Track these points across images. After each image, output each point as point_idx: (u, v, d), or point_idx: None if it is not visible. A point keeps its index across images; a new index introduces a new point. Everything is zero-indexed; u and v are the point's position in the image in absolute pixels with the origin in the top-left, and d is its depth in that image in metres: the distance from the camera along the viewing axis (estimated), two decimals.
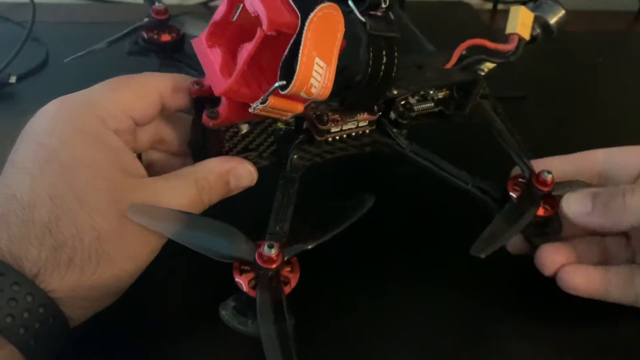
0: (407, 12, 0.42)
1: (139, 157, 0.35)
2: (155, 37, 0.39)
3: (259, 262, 0.28)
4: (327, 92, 0.28)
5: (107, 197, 0.28)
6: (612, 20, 0.76)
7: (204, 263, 0.28)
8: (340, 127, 0.35)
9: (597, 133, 0.51)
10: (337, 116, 0.35)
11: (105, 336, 0.32)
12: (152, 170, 0.36)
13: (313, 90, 0.27)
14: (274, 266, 0.28)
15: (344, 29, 0.28)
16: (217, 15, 0.31)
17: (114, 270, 0.28)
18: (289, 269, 0.29)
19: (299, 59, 0.26)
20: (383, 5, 0.30)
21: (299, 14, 0.27)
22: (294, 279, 0.29)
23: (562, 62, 0.64)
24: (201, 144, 0.33)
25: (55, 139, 0.29)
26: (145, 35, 0.39)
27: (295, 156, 0.35)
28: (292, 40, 0.27)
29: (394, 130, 0.36)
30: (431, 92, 0.38)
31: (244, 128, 0.33)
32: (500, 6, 0.79)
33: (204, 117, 0.31)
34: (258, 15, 0.27)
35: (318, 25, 0.27)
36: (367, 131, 0.36)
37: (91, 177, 0.28)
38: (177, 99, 0.33)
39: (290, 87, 0.27)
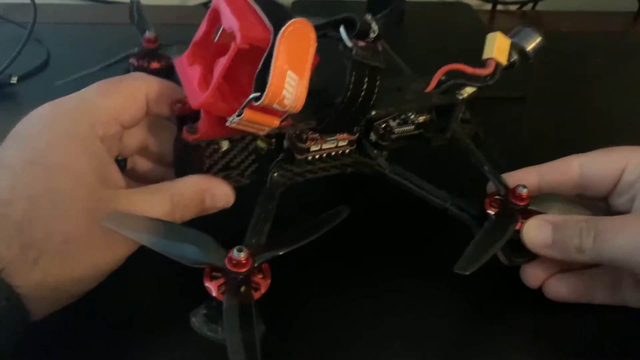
0: (389, 43, 0.43)
1: (124, 161, 0.36)
2: (145, 64, 0.40)
3: (228, 266, 0.28)
4: (300, 104, 0.29)
5: (82, 205, 0.29)
6: (612, 20, 0.76)
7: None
8: (319, 145, 0.36)
9: (597, 133, 0.52)
10: (316, 135, 0.36)
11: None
12: (134, 174, 0.37)
13: (286, 101, 0.28)
14: (243, 270, 0.28)
15: (316, 44, 0.29)
16: (197, 35, 0.32)
17: (77, 274, 0.29)
18: (260, 275, 0.29)
19: (271, 71, 0.27)
20: (372, 35, 0.31)
21: (272, 29, 0.28)
22: (264, 285, 0.29)
23: (562, 62, 0.64)
24: (183, 160, 0.34)
25: (44, 142, 0.29)
26: (136, 63, 0.40)
27: (275, 174, 0.35)
28: (265, 54, 0.28)
29: (375, 151, 0.37)
30: (412, 116, 0.39)
31: (225, 145, 0.34)
32: (499, 7, 0.80)
33: (184, 132, 0.31)
34: (233, 31, 0.28)
35: (289, 39, 0.28)
36: (347, 151, 0.37)
37: (71, 184, 0.29)
38: (161, 104, 0.34)
39: (263, 98, 0.28)
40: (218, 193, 0.33)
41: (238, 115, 0.29)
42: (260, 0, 0.29)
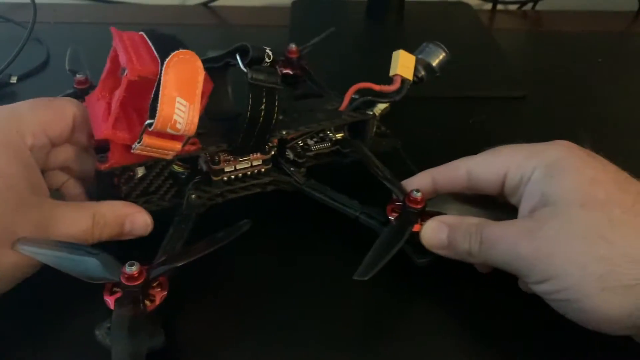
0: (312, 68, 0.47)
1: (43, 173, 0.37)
2: None
3: (122, 280, 0.29)
4: (193, 127, 0.32)
5: (11, 206, 0.30)
6: (612, 20, 0.76)
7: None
8: (233, 166, 0.38)
9: (596, 133, 0.52)
10: (229, 157, 0.38)
11: None
12: (54, 186, 0.38)
13: (178, 125, 0.31)
14: (136, 283, 0.29)
15: (204, 73, 0.32)
16: (103, 74, 0.36)
17: None
18: (158, 288, 0.31)
19: (159, 98, 0.30)
20: (267, 60, 0.34)
21: (160, 61, 0.31)
22: (159, 297, 0.30)
23: (562, 62, 0.64)
24: (102, 188, 0.36)
25: None
26: None
27: (193, 196, 0.37)
28: (155, 84, 0.31)
29: (292, 169, 0.40)
30: (330, 133, 0.42)
31: (140, 171, 0.36)
32: (499, 6, 0.80)
33: (96, 162, 0.34)
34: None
35: (175, 69, 0.31)
36: (263, 170, 0.39)
37: (1, 185, 0.30)
38: (83, 129, 0.36)
39: (154, 123, 0.30)
40: (138, 220, 0.35)
41: (139, 142, 0.32)
42: (154, 37, 0.33)
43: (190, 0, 0.77)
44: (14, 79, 0.54)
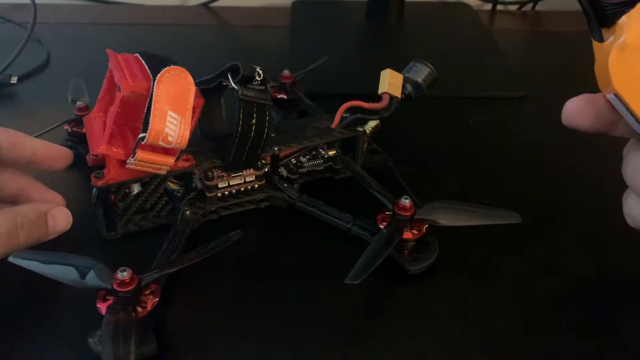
0: (303, 86, 0.48)
1: None
2: (78, 130, 0.44)
3: (114, 286, 0.30)
4: (184, 140, 0.33)
5: None
6: None
7: None
8: (227, 182, 0.39)
9: (596, 133, 0.51)
10: (223, 173, 0.38)
11: None
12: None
13: (170, 139, 0.32)
14: (128, 289, 0.29)
15: (194, 88, 0.33)
16: (100, 93, 0.37)
17: None
18: (150, 295, 0.31)
19: (151, 112, 0.31)
20: (258, 78, 0.35)
21: (152, 78, 0.32)
22: (150, 303, 0.31)
23: (562, 62, 0.64)
24: (103, 206, 0.36)
25: None
26: (70, 129, 0.44)
27: (187, 212, 0.38)
28: (148, 99, 0.32)
29: (285, 185, 0.40)
30: (322, 151, 0.43)
31: (136, 188, 0.37)
32: (499, 7, 0.80)
33: (92, 179, 0.34)
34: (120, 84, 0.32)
35: (166, 84, 0.32)
36: (257, 186, 0.40)
37: None
38: (13, 151, 0.36)
39: (146, 137, 0.31)
40: (58, 214, 0.35)
41: (133, 157, 0.32)
42: (148, 56, 0.34)
43: (190, 1, 0.77)
44: (14, 80, 0.54)
